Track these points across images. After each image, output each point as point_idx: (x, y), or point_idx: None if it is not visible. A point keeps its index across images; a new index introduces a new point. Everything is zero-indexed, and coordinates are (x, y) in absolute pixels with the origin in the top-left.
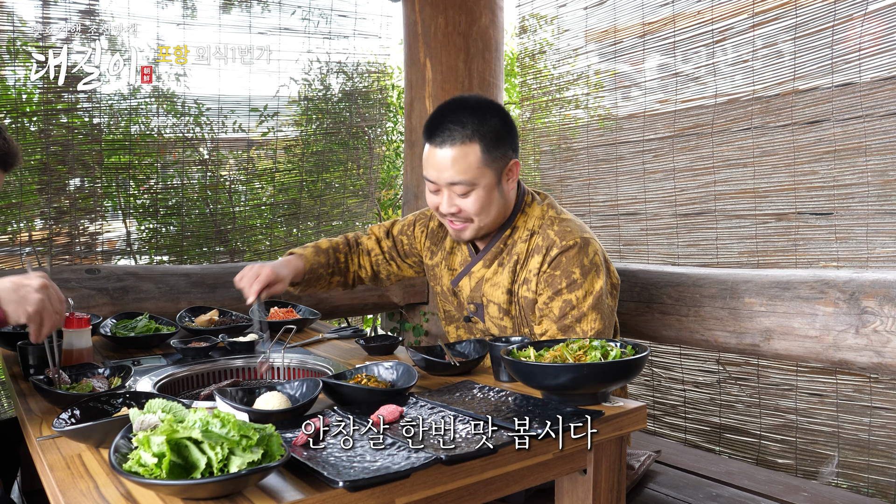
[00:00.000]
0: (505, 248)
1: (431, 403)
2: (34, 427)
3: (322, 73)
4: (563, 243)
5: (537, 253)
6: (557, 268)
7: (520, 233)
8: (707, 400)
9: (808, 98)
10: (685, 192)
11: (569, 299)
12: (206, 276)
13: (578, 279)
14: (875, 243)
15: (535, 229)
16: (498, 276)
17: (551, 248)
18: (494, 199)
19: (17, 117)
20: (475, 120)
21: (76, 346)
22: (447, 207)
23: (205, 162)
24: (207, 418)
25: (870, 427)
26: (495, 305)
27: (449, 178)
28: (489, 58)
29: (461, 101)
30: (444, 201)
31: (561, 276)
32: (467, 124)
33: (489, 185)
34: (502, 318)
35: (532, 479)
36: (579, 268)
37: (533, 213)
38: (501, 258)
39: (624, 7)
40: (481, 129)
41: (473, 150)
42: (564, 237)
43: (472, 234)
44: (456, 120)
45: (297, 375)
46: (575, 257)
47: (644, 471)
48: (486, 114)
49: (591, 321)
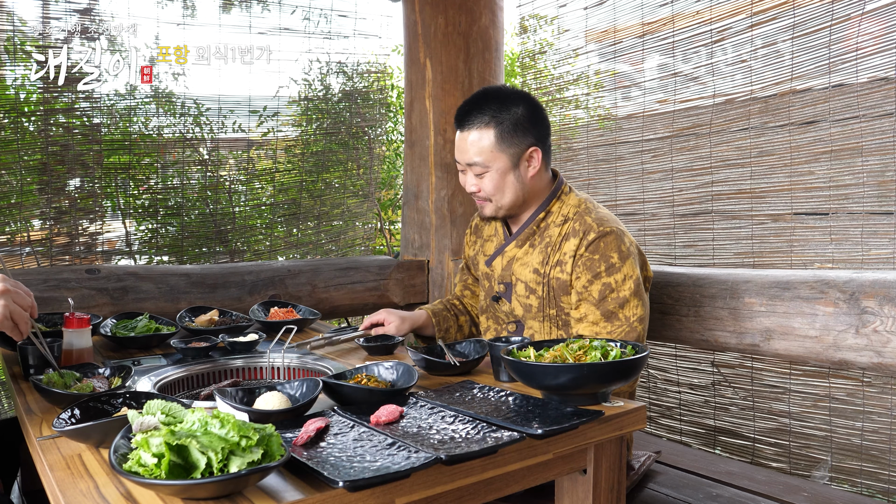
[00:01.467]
0: (538, 230)
1: (431, 403)
2: (34, 427)
3: (322, 73)
4: (601, 229)
5: (573, 236)
6: (596, 252)
7: (554, 217)
8: (702, 402)
9: (806, 98)
10: (683, 193)
11: (608, 282)
12: (206, 276)
13: (617, 263)
14: (871, 244)
15: (569, 215)
16: (528, 256)
17: (588, 233)
18: (509, 182)
19: (17, 117)
20: (495, 107)
21: (76, 346)
22: (469, 186)
23: (204, 162)
24: (207, 418)
25: (862, 431)
26: (523, 284)
27: (466, 158)
28: (489, 58)
29: (487, 90)
30: (467, 180)
31: (599, 259)
32: (486, 111)
33: (503, 168)
34: (528, 296)
35: (532, 479)
36: (617, 252)
37: (569, 202)
38: (533, 239)
39: (623, 7)
40: (499, 117)
41: (488, 135)
42: (602, 224)
43: (491, 211)
44: (478, 107)
45: (297, 375)
46: (613, 242)
47: (644, 471)
48: (508, 103)
49: (634, 307)
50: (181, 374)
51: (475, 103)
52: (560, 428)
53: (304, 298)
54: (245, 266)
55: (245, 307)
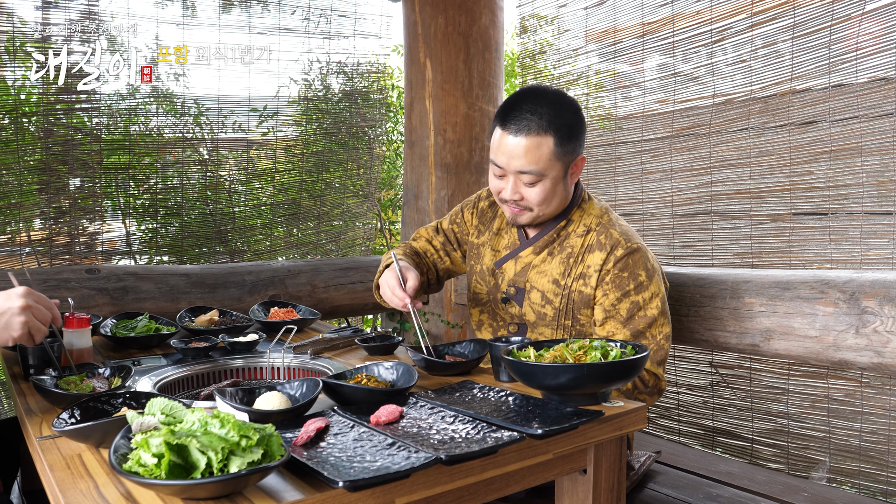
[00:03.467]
0: (557, 238)
1: (431, 403)
2: (34, 427)
3: (322, 73)
4: (629, 245)
5: (599, 250)
6: (625, 269)
7: (575, 226)
8: (700, 403)
9: (805, 98)
10: (682, 193)
11: (636, 301)
12: (206, 276)
13: (644, 281)
14: (870, 244)
15: (591, 226)
16: (546, 265)
17: (616, 248)
18: (559, 191)
19: (17, 117)
20: (552, 111)
21: (76, 346)
22: (510, 194)
23: (204, 162)
24: (207, 418)
25: (860, 432)
26: (539, 293)
27: (518, 166)
28: (489, 58)
29: (541, 91)
30: (508, 187)
31: (629, 277)
32: (544, 115)
33: (556, 177)
34: (544, 305)
35: (532, 479)
36: (644, 270)
37: (591, 211)
38: (552, 248)
39: (624, 7)
40: (556, 122)
41: (547, 141)
42: (629, 239)
43: (528, 220)
44: (533, 109)
45: (297, 375)
46: (640, 260)
47: (644, 471)
48: (562, 106)
49: (660, 325)
50: (181, 374)
51: (530, 104)
52: (560, 428)
53: (304, 298)
54: (245, 266)
55: (245, 307)
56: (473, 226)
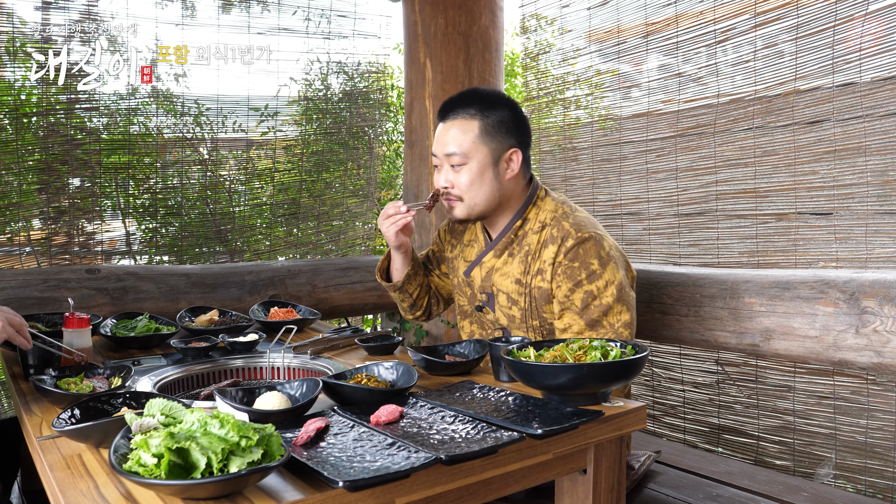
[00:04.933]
0: (515, 238)
1: (431, 403)
2: (34, 427)
3: (322, 73)
4: (580, 235)
5: (551, 243)
6: (576, 259)
7: (531, 224)
8: (706, 400)
9: (809, 98)
10: (687, 192)
11: (590, 290)
12: (206, 276)
13: (598, 269)
14: (874, 243)
15: (546, 221)
16: (508, 266)
17: (567, 239)
18: (487, 179)
19: (17, 117)
20: (483, 105)
21: (76, 346)
22: (443, 181)
23: (204, 162)
24: (206, 419)
25: (867, 429)
26: (504, 295)
27: (445, 149)
28: (489, 58)
29: (476, 89)
30: (441, 176)
31: (580, 267)
32: (473, 106)
33: (483, 163)
34: (510, 307)
35: (532, 479)
36: (597, 258)
37: (545, 207)
38: (512, 248)
39: (627, 7)
40: (485, 112)
41: (472, 125)
42: (580, 229)
43: (462, 212)
44: (465, 103)
45: (297, 375)
46: (592, 248)
47: (644, 471)
48: (495, 103)
49: (618, 313)
50: (181, 374)
51: (462, 97)
52: (560, 428)
53: (304, 298)
54: (245, 266)
55: (245, 307)
56: (448, 241)
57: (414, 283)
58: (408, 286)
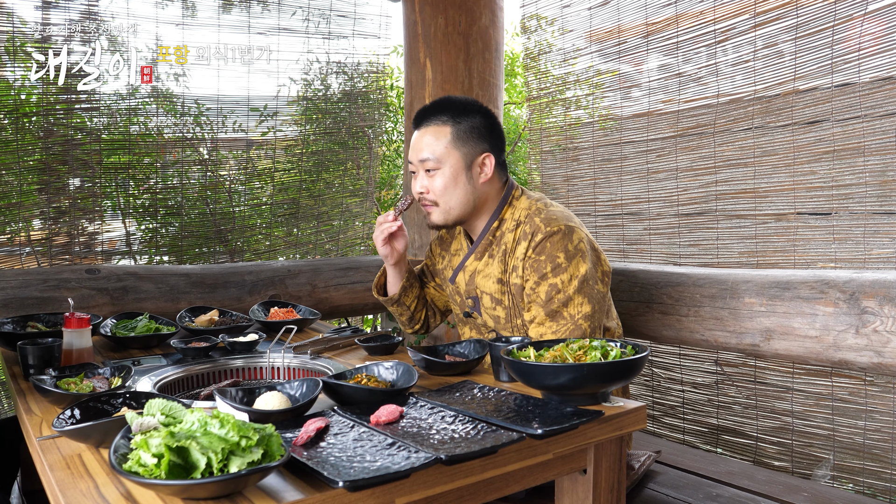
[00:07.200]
0: (494, 239)
1: (431, 403)
2: (34, 427)
3: (322, 73)
4: (548, 229)
5: (524, 239)
6: (542, 252)
7: (507, 224)
8: (705, 401)
9: (808, 98)
10: (687, 192)
11: (554, 283)
12: (206, 276)
13: (563, 263)
14: (873, 244)
15: (521, 219)
16: (489, 268)
17: (536, 234)
18: (460, 183)
19: (17, 117)
20: (454, 112)
21: (76, 346)
22: (418, 187)
23: (204, 162)
24: (206, 419)
25: (864, 430)
26: (488, 296)
27: (419, 155)
28: (489, 58)
29: (448, 97)
30: (416, 182)
31: (546, 260)
32: (445, 113)
33: (455, 167)
34: (494, 307)
35: (532, 479)
36: (563, 252)
37: (520, 206)
38: (491, 250)
39: (627, 7)
40: (456, 119)
41: (444, 131)
42: (549, 224)
43: (438, 217)
44: (438, 110)
45: (297, 375)
46: (559, 242)
47: (644, 471)
48: (467, 110)
49: (578, 304)
50: (181, 374)
51: (434, 105)
52: (560, 428)
53: (304, 298)
54: (245, 266)
55: (245, 307)
56: (438, 254)
57: (411, 295)
58: (405, 298)
